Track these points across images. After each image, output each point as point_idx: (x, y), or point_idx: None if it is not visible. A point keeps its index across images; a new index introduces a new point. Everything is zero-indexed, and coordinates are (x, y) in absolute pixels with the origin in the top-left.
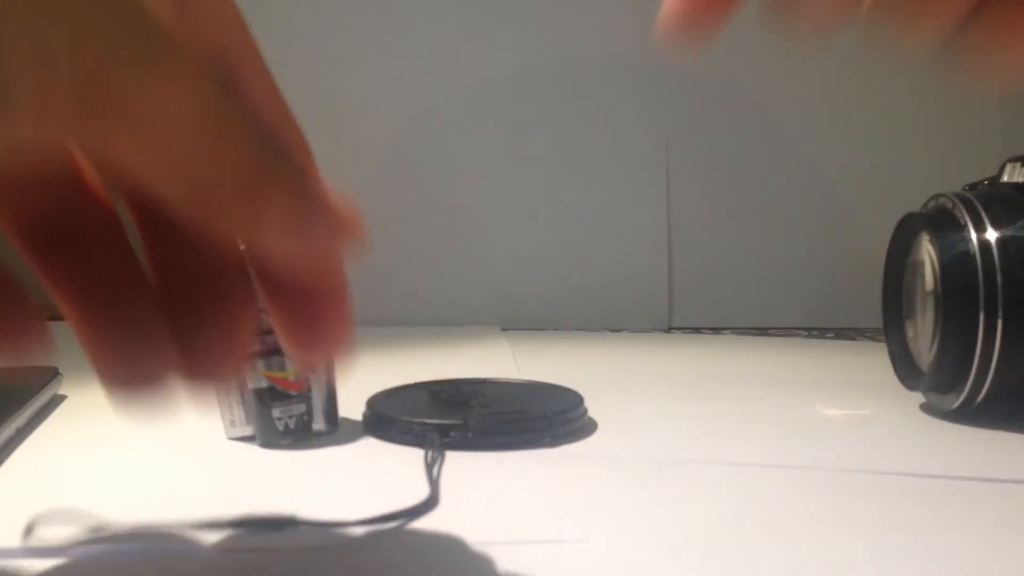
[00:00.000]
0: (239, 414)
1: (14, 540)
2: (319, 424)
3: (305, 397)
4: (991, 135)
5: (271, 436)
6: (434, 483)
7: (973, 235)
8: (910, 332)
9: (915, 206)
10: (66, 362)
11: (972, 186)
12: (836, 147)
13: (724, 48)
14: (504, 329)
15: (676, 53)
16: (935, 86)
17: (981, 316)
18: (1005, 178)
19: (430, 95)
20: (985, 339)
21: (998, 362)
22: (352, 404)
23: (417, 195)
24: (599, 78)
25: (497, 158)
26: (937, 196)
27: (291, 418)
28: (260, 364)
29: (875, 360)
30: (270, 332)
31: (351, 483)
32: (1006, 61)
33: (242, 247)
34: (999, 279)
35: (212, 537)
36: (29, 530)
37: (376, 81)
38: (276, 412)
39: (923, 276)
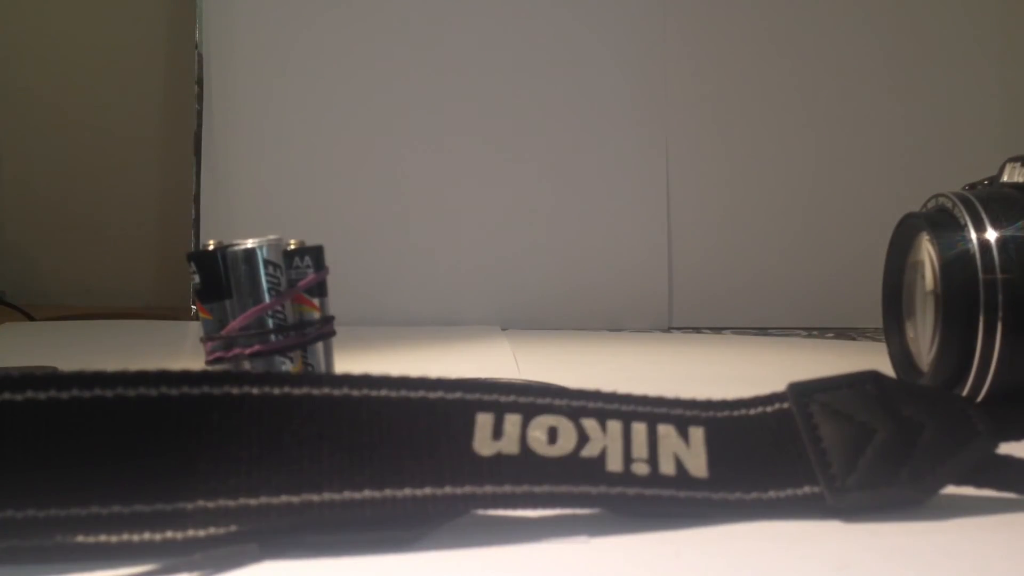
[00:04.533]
0: None
1: None
2: None
3: None
4: (991, 135)
5: None
6: None
7: (973, 235)
8: (910, 332)
9: (915, 206)
10: (66, 361)
11: (972, 186)
12: (836, 147)
13: (725, 47)
14: (504, 329)
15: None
16: (936, 86)
17: (981, 316)
18: (1005, 178)
19: (431, 95)
20: (985, 339)
21: (998, 362)
22: None
23: (418, 195)
24: (599, 78)
25: (497, 158)
26: (937, 196)
27: None
28: (260, 363)
29: (875, 360)
30: (272, 332)
31: None
32: None
33: None
34: (999, 279)
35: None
36: None
37: (377, 82)
38: None
39: (923, 276)
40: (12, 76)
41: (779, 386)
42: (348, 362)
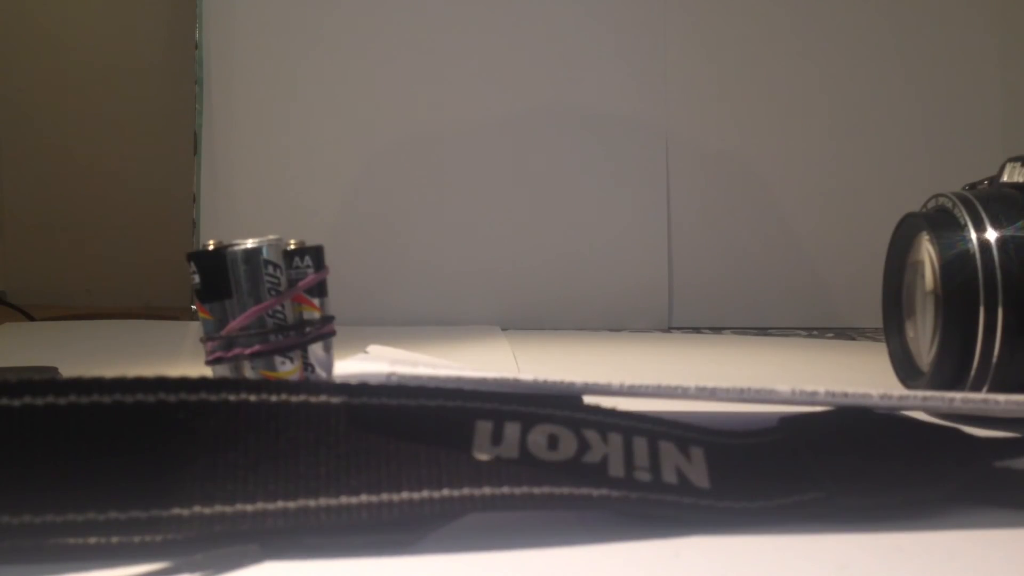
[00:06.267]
0: None
1: None
2: None
3: None
4: (991, 135)
5: None
6: None
7: (973, 235)
8: (910, 332)
9: (915, 206)
10: (66, 361)
11: (972, 186)
12: (836, 147)
13: (725, 47)
14: (504, 329)
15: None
16: (936, 86)
17: (981, 315)
18: (1005, 178)
19: (430, 95)
20: (985, 338)
21: (998, 361)
22: None
23: (418, 195)
24: (599, 78)
25: (497, 158)
26: (937, 196)
27: None
28: (260, 363)
29: (875, 360)
30: (272, 332)
31: None
32: None
33: None
34: (999, 278)
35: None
36: None
37: (377, 82)
38: None
39: (923, 276)
40: (12, 76)
41: (779, 385)
42: None
